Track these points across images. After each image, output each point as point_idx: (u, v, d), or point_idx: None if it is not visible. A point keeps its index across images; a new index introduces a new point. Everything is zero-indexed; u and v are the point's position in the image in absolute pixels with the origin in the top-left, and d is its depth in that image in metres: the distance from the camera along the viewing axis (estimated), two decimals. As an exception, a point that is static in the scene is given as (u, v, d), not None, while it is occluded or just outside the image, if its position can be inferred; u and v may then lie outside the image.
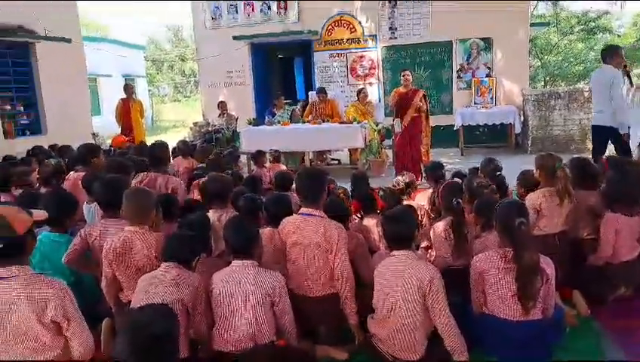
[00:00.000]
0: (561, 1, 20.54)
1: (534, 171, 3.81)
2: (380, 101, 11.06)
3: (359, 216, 4.00)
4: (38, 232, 2.90)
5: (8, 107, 9.61)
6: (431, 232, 3.48)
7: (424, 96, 7.62)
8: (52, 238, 3.31)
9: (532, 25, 12.27)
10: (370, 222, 3.79)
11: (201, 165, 5.95)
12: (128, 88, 10.05)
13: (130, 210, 2.98)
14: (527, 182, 4.00)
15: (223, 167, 5.31)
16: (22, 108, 9.89)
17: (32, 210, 2.29)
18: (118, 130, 9.89)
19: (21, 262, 2.15)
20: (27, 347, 2.14)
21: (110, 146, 8.63)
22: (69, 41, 10.13)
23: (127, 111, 9.75)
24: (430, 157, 7.82)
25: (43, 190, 4.42)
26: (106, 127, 13.36)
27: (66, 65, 10.32)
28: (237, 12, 11.84)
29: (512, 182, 4.52)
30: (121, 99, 9.93)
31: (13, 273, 2.11)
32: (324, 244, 2.94)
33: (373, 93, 11.30)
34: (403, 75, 7.58)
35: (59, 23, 10.00)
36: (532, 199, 3.61)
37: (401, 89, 7.60)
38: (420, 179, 6.94)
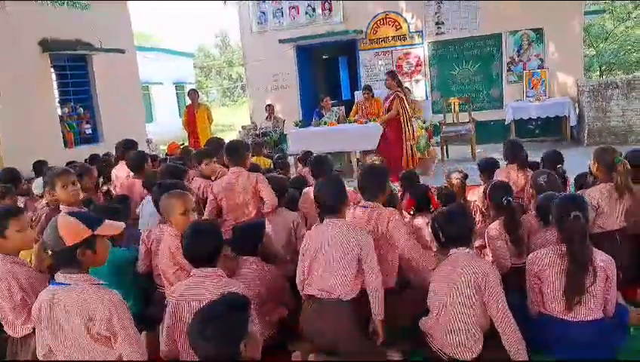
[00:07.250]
0: (616, -14, 19.59)
1: (592, 165, 3.63)
2: (427, 98, 10.91)
3: (411, 213, 3.93)
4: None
5: (69, 117, 9.98)
6: (485, 234, 3.41)
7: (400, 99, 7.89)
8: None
9: (586, 13, 11.80)
10: (421, 221, 3.73)
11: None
12: (191, 94, 10.01)
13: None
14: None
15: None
16: (82, 118, 10.25)
17: (108, 221, 2.27)
18: (171, 136, 10.02)
19: (80, 270, 2.15)
20: (82, 353, 2.14)
21: (166, 154, 8.83)
22: (122, 51, 10.49)
23: (191, 117, 9.75)
24: (415, 160, 7.92)
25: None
26: (158, 134, 13.79)
27: (121, 74, 10.68)
28: (282, 15, 11.98)
29: (569, 176, 4.38)
30: (187, 105, 9.95)
31: (69, 280, 2.13)
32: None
33: (420, 89, 11.17)
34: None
35: (113, 34, 10.37)
36: (589, 196, 3.43)
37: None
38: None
